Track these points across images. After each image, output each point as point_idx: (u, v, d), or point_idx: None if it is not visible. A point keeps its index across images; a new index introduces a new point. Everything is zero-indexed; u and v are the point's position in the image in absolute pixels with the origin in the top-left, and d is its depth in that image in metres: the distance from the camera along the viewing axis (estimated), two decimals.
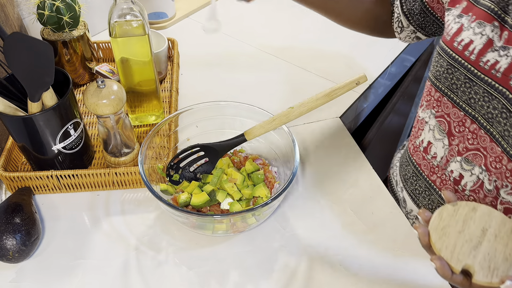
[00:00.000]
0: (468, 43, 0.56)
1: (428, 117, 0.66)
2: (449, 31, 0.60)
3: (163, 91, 0.90)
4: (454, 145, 0.61)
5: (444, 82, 0.60)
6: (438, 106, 0.63)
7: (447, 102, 0.61)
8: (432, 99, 0.64)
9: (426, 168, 0.68)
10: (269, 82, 0.96)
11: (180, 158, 0.69)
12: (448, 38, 0.59)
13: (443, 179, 0.64)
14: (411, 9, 0.72)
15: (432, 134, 0.65)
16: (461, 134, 0.60)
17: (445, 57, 0.59)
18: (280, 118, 0.65)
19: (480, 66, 0.54)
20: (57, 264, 0.61)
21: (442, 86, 0.61)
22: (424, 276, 0.61)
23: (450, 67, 0.59)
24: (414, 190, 0.71)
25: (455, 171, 0.62)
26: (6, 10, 0.80)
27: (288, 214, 0.69)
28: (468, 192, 0.61)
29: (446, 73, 0.59)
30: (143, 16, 0.67)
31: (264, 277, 0.60)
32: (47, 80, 0.59)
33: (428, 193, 0.68)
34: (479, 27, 0.55)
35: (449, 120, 0.61)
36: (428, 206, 0.67)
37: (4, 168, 0.67)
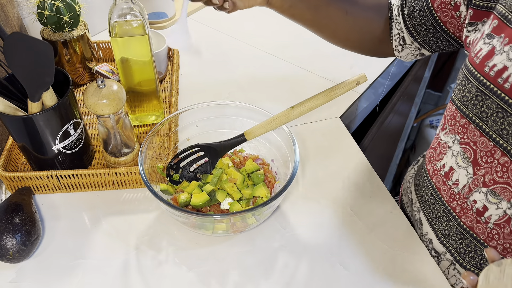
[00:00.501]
0: (502, 70, 0.50)
1: (451, 142, 0.60)
2: (477, 52, 0.54)
3: (163, 91, 0.90)
4: (479, 175, 0.56)
5: (472, 109, 0.55)
6: (464, 133, 0.58)
7: (474, 130, 0.56)
8: (457, 124, 0.59)
9: (446, 193, 0.62)
10: (269, 82, 0.96)
11: (180, 158, 0.69)
12: (477, 61, 0.54)
13: (464, 208, 0.59)
14: (417, 24, 0.67)
15: (455, 161, 0.60)
16: (489, 165, 0.55)
17: (474, 82, 0.54)
18: (280, 118, 0.65)
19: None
20: (57, 264, 0.61)
21: (470, 113, 0.55)
22: (424, 276, 0.61)
23: (480, 93, 0.53)
24: (431, 214, 0.66)
25: (478, 201, 0.57)
26: (6, 10, 0.80)
27: (288, 214, 0.69)
28: (491, 225, 0.56)
29: (475, 99, 0.54)
30: (143, 16, 0.67)
31: (264, 277, 0.60)
32: (47, 80, 0.59)
33: (446, 218, 0.63)
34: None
35: (475, 148, 0.56)
36: (445, 232, 0.63)
37: (4, 168, 0.67)
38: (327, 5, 0.68)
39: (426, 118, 1.88)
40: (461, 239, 0.61)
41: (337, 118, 0.87)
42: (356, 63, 1.03)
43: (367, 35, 0.73)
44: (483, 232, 0.57)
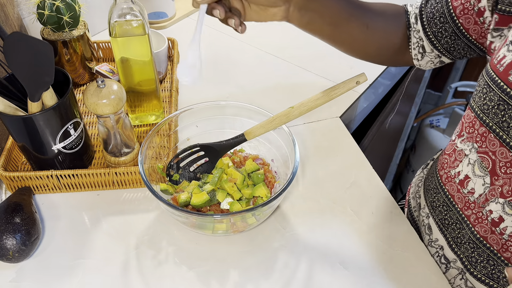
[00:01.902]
0: None
1: (468, 150, 0.59)
2: (500, 59, 0.52)
3: (163, 91, 0.90)
4: (497, 186, 0.55)
5: (493, 118, 0.53)
6: (482, 142, 0.56)
7: (494, 140, 0.54)
8: (475, 132, 0.57)
9: (460, 201, 0.61)
10: (269, 82, 0.96)
11: (180, 158, 0.69)
12: (500, 69, 0.52)
13: (478, 217, 0.58)
14: (437, 32, 0.65)
15: (472, 169, 0.58)
16: (508, 176, 0.53)
17: (497, 91, 0.52)
18: (280, 118, 0.65)
19: None
20: (57, 263, 0.61)
21: (490, 122, 0.54)
22: (424, 276, 0.61)
23: (503, 103, 0.52)
24: (443, 220, 0.64)
25: (494, 212, 0.56)
26: (6, 9, 0.80)
27: (288, 214, 0.69)
28: (506, 237, 0.55)
29: (497, 108, 0.52)
30: (143, 16, 0.67)
31: (264, 277, 0.60)
32: (47, 80, 0.59)
33: (459, 226, 0.61)
34: None
35: (494, 158, 0.55)
36: (457, 239, 0.62)
37: (4, 168, 0.67)
38: (348, 20, 0.66)
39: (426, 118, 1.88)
40: (473, 248, 0.59)
41: (337, 118, 0.87)
42: (356, 63, 1.02)
43: (386, 46, 0.71)
44: (497, 242, 0.56)
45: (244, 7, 0.60)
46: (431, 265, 0.62)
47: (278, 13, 0.62)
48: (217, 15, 0.57)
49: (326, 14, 0.64)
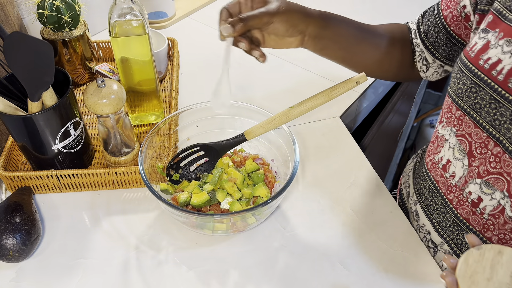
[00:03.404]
0: (496, 62, 0.52)
1: (448, 135, 0.62)
2: (472, 46, 0.56)
3: (163, 91, 0.90)
4: (474, 167, 0.57)
5: (467, 100, 0.57)
6: (459, 125, 0.59)
7: (469, 122, 0.57)
8: (453, 117, 0.61)
9: (443, 186, 0.64)
10: (269, 82, 0.96)
11: (180, 158, 0.69)
12: (472, 54, 0.56)
13: (460, 199, 0.61)
14: (434, 42, 0.69)
15: (452, 153, 0.61)
16: (483, 156, 0.56)
17: (469, 75, 0.56)
18: (280, 117, 0.65)
19: (509, 88, 0.51)
20: (57, 263, 0.61)
21: (464, 105, 0.57)
22: (424, 275, 0.61)
23: (474, 85, 0.55)
24: (428, 206, 0.67)
25: (473, 193, 0.58)
26: (6, 9, 0.80)
27: (288, 213, 0.69)
28: (487, 216, 0.57)
29: (469, 91, 0.56)
30: (143, 15, 0.67)
31: (264, 276, 0.60)
32: (47, 80, 0.59)
33: (443, 210, 0.64)
34: (508, 45, 0.52)
35: (470, 140, 0.58)
36: (442, 223, 0.64)
37: (4, 167, 0.67)
38: (359, 44, 0.70)
39: (426, 117, 1.88)
40: (458, 231, 0.62)
41: (337, 118, 0.87)
42: None
43: (396, 64, 0.75)
44: (478, 223, 0.58)
45: (264, 37, 0.64)
46: (431, 265, 0.62)
47: (294, 42, 0.66)
48: (242, 47, 0.61)
49: (339, 40, 0.68)
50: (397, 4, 1.27)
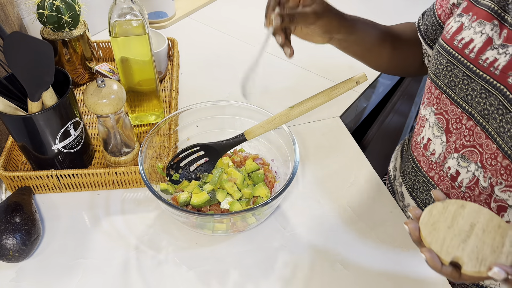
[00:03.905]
0: (468, 42, 0.57)
1: (428, 114, 0.67)
2: (449, 29, 0.62)
3: (163, 91, 0.90)
4: (451, 142, 0.62)
5: (443, 79, 0.62)
6: (438, 104, 0.64)
7: (446, 99, 0.62)
8: (432, 96, 0.65)
9: (425, 164, 0.68)
10: (269, 82, 0.96)
11: (180, 158, 0.69)
12: (448, 36, 0.61)
13: (440, 175, 0.65)
14: (434, 39, 0.72)
15: (432, 131, 0.66)
16: (458, 131, 0.61)
17: (445, 55, 0.61)
18: (280, 117, 0.65)
19: (479, 64, 0.55)
20: (57, 263, 0.61)
21: (441, 84, 0.62)
22: (424, 275, 0.61)
23: (450, 64, 0.60)
24: (412, 185, 0.72)
25: (452, 167, 0.63)
26: (6, 9, 0.80)
27: (288, 213, 0.69)
28: (464, 189, 0.62)
29: (445, 70, 0.61)
30: (143, 15, 0.67)
31: (264, 276, 0.60)
32: (47, 80, 0.59)
33: (426, 188, 0.69)
34: (479, 26, 0.57)
35: (447, 117, 0.62)
36: (425, 201, 0.69)
37: (4, 167, 0.67)
38: (379, 46, 0.73)
39: None
40: None
41: (337, 118, 0.87)
42: (356, 62, 1.02)
43: (408, 61, 0.78)
44: (457, 197, 0.63)
45: (296, 30, 0.66)
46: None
47: (321, 41, 0.68)
48: (278, 41, 0.62)
49: (361, 43, 0.72)
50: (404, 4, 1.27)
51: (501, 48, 0.54)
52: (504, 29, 0.54)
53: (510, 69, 0.52)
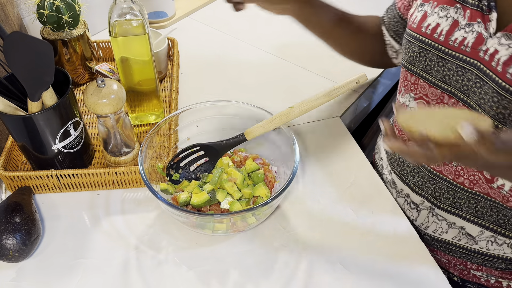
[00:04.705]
0: (435, 27, 0.61)
1: (408, 101, 0.69)
2: (414, 19, 0.66)
3: (163, 91, 0.90)
4: None
5: (418, 65, 0.65)
6: (416, 89, 0.67)
7: (424, 83, 0.65)
8: (409, 83, 0.68)
9: None
10: (269, 81, 0.96)
11: (180, 158, 0.69)
12: (414, 26, 0.65)
13: None
14: (396, 31, 0.76)
15: None
16: None
17: (416, 43, 0.64)
18: (280, 117, 0.65)
19: (450, 45, 0.60)
20: (57, 263, 0.61)
21: (417, 69, 0.65)
22: (424, 275, 0.61)
23: (422, 50, 0.63)
24: (402, 171, 0.74)
25: None
26: (5, 9, 0.80)
27: (288, 213, 0.69)
28: (455, 163, 0.64)
29: (419, 56, 0.64)
30: (143, 15, 0.67)
31: (264, 276, 0.60)
32: (47, 80, 0.59)
33: (417, 170, 0.71)
34: (442, 11, 0.61)
35: (427, 99, 0.65)
36: (418, 183, 0.71)
37: (4, 167, 0.67)
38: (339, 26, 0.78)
39: None
40: (434, 184, 0.68)
41: (337, 118, 0.87)
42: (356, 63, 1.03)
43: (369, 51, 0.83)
44: (450, 172, 0.66)
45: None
46: (432, 265, 0.62)
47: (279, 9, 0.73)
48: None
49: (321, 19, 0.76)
50: None
51: (467, 27, 0.58)
52: (467, 10, 0.58)
53: (479, 44, 0.57)
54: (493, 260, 0.68)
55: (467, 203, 0.66)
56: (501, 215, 0.64)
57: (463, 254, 0.70)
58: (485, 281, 0.71)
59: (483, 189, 0.63)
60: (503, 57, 0.54)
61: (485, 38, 0.56)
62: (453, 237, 0.70)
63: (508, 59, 0.53)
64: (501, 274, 0.69)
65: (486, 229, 0.66)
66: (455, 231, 0.69)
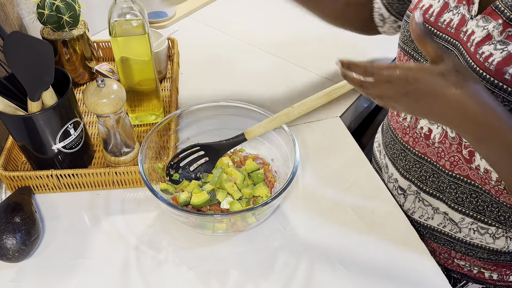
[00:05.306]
0: (428, 8, 0.64)
1: None
2: (416, 3, 0.68)
3: (163, 91, 0.90)
4: None
5: (411, 45, 0.67)
6: None
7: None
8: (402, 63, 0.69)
9: (399, 131, 0.72)
10: (269, 82, 0.96)
11: (180, 158, 0.69)
12: (412, 6, 0.68)
13: (415, 138, 0.69)
14: (391, 2, 0.79)
15: None
16: None
17: None
18: (280, 117, 0.65)
19: (438, 26, 0.62)
20: (57, 263, 0.61)
21: (409, 49, 0.67)
22: (424, 275, 0.61)
23: None
24: (393, 155, 0.75)
25: (424, 127, 0.67)
26: (5, 9, 0.80)
27: (288, 213, 0.69)
28: (437, 145, 0.65)
29: (411, 36, 0.65)
30: (143, 15, 0.67)
31: (264, 276, 0.60)
32: (47, 80, 0.59)
33: (404, 154, 0.72)
34: None
35: None
36: (406, 166, 0.72)
37: (4, 167, 0.67)
38: None
39: None
40: (419, 167, 0.70)
41: (337, 118, 0.87)
42: None
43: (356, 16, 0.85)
44: (433, 154, 0.67)
45: None
46: (431, 265, 0.62)
47: None
48: None
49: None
50: None
51: (454, 9, 0.60)
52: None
53: (461, 25, 0.59)
54: (475, 250, 0.69)
55: (448, 188, 0.67)
56: (480, 201, 0.64)
57: (447, 242, 0.71)
58: (468, 271, 0.72)
59: (463, 170, 0.64)
60: (477, 39, 0.56)
61: (466, 20, 0.58)
62: (439, 223, 0.71)
63: (480, 41, 0.55)
64: (483, 264, 0.70)
65: (466, 216, 0.67)
66: (440, 217, 0.70)
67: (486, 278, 0.72)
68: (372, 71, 0.49)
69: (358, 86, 0.51)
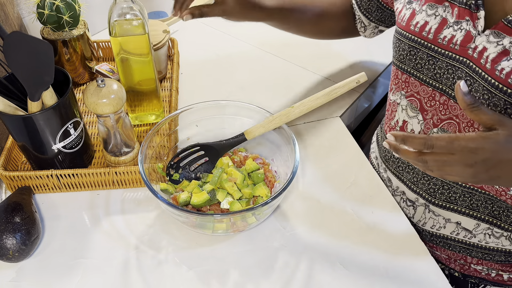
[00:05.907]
0: (424, 25, 0.62)
1: (399, 99, 0.70)
2: (402, 17, 0.66)
3: (163, 90, 0.90)
4: (428, 119, 0.66)
5: (409, 63, 0.65)
6: (407, 87, 0.68)
7: (415, 82, 0.66)
8: (400, 81, 0.69)
9: None
10: (269, 81, 0.96)
11: (180, 158, 0.69)
12: (403, 24, 0.66)
13: None
14: (368, 8, 0.81)
15: (406, 113, 0.69)
16: (433, 107, 0.64)
17: (405, 41, 0.65)
18: (280, 117, 0.65)
19: (439, 43, 0.60)
20: (57, 263, 0.61)
21: (408, 68, 0.66)
22: (424, 275, 0.61)
23: (412, 49, 0.64)
24: (397, 168, 0.74)
25: None
26: (5, 9, 0.80)
27: (288, 213, 0.69)
28: None
29: (410, 55, 0.65)
30: (143, 15, 0.67)
31: (264, 276, 0.60)
32: (47, 79, 0.59)
33: (412, 167, 0.71)
34: (430, 9, 0.62)
35: (419, 97, 0.66)
36: (414, 179, 0.71)
37: (4, 167, 0.67)
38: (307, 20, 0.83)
39: None
40: (428, 181, 0.69)
41: (337, 118, 0.87)
42: (356, 63, 1.03)
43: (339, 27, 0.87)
44: None
45: None
46: (432, 265, 0.62)
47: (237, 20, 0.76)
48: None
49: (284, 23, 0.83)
50: None
51: (455, 25, 0.59)
52: (455, 8, 0.59)
53: (467, 42, 0.57)
54: (492, 253, 0.68)
55: (462, 197, 0.66)
56: (496, 206, 0.64)
57: (462, 249, 0.70)
58: (486, 275, 0.71)
59: None
60: (492, 55, 0.54)
61: (473, 36, 0.57)
62: (451, 231, 0.70)
63: (497, 57, 0.54)
64: (501, 267, 0.69)
65: (482, 221, 0.66)
66: (452, 226, 0.69)
67: (505, 280, 0.70)
68: (432, 144, 0.47)
69: (416, 160, 0.49)
